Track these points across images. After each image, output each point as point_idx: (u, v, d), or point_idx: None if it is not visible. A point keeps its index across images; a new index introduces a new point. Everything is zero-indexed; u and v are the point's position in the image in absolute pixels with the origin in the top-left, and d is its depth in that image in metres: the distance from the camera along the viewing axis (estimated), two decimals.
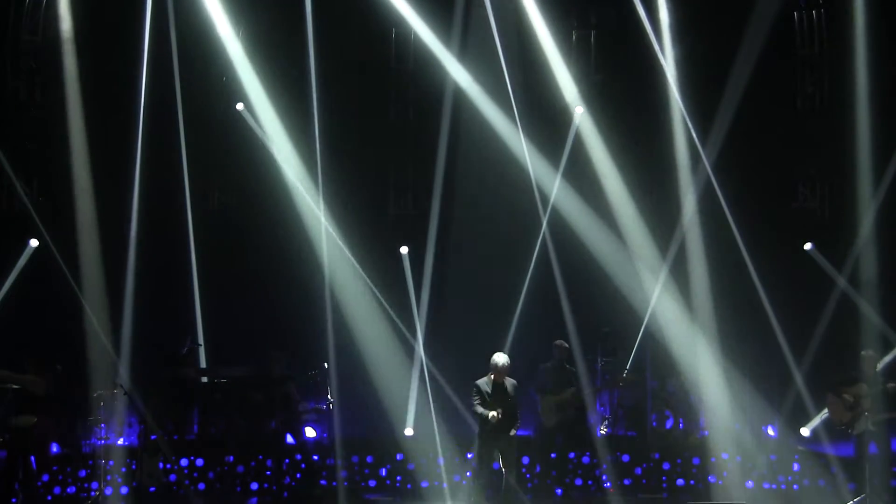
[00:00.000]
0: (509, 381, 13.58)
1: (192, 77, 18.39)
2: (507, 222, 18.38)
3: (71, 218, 17.60)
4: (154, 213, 17.91)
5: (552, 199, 18.46)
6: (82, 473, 15.39)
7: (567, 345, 16.58)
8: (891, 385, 14.75)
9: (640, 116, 18.40)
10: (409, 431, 17.86)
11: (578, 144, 18.71)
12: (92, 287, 17.23)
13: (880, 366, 15.22)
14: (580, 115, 18.57)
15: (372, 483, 16.24)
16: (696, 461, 16.45)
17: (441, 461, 16.37)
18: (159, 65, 17.92)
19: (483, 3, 18.17)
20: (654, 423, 17.20)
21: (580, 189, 18.85)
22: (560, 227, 18.47)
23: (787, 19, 18.30)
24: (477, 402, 13.53)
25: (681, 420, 17.27)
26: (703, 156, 17.88)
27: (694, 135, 17.90)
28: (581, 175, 18.80)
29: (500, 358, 13.62)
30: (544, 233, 18.34)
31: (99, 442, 14.50)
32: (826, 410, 15.59)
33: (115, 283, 17.42)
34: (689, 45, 18.11)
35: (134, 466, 15.44)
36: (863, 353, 15.14)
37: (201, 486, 15.95)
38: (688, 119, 17.89)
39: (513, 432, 13.53)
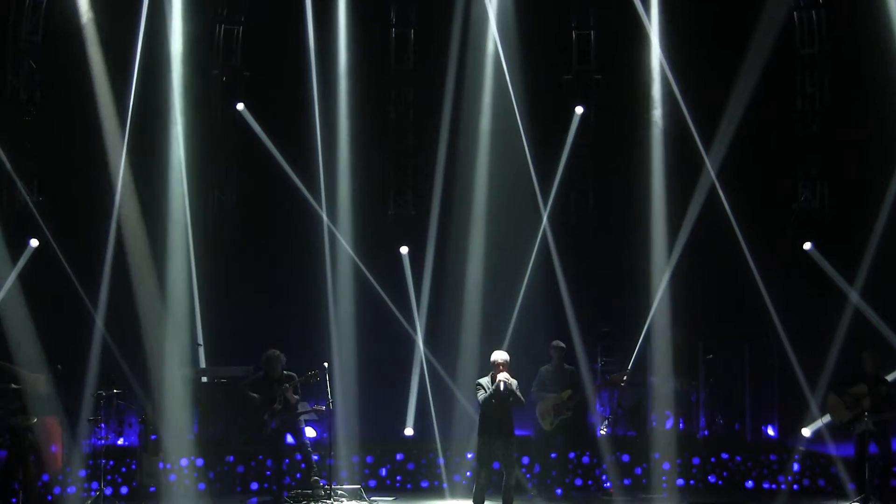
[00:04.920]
0: (511, 382, 13.56)
1: (191, 76, 18.40)
2: (507, 221, 18.34)
3: (71, 217, 17.61)
4: (153, 212, 17.90)
5: (551, 199, 18.49)
6: (82, 473, 15.40)
7: (564, 345, 16.56)
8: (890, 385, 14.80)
9: (642, 116, 18.39)
10: (409, 431, 17.87)
11: (580, 144, 18.77)
12: (92, 286, 17.24)
13: (891, 377, 15.26)
14: (580, 114, 18.64)
15: (372, 483, 16.24)
16: (696, 461, 16.45)
17: (441, 461, 16.38)
18: (156, 62, 17.94)
19: (483, 2, 18.19)
20: (654, 423, 17.19)
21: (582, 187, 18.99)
22: (561, 226, 18.49)
23: (787, 19, 18.28)
24: (481, 393, 13.51)
25: (681, 420, 17.28)
26: (706, 157, 17.86)
27: (695, 135, 17.89)
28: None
29: (498, 355, 13.60)
30: (545, 231, 18.33)
31: (99, 442, 14.48)
32: (828, 412, 15.60)
33: (116, 283, 17.44)
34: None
35: (134, 466, 15.43)
36: (863, 353, 15.15)
37: (201, 486, 15.96)
38: (689, 119, 17.88)
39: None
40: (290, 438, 15.38)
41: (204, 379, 17.35)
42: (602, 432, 17.29)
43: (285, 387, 15.15)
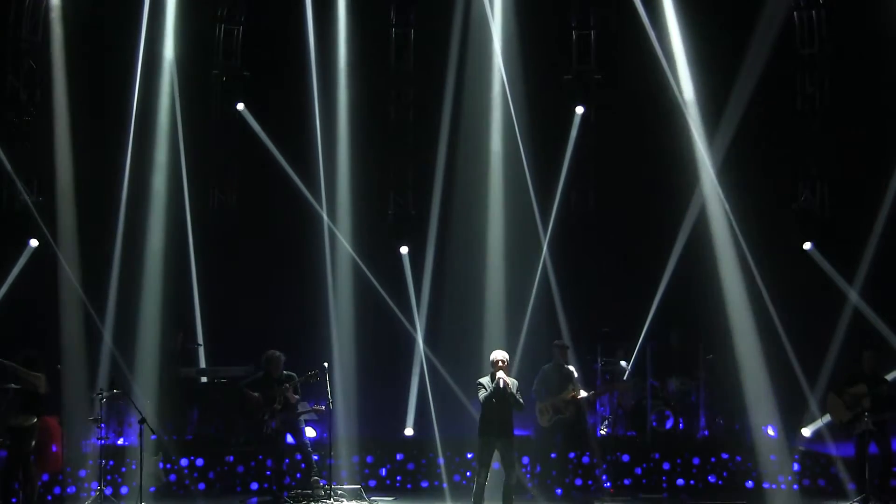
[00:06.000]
0: (511, 381, 13.56)
1: (192, 76, 18.43)
2: (507, 221, 18.34)
3: (70, 218, 17.61)
4: (154, 212, 17.90)
5: (556, 202, 18.52)
6: (82, 473, 15.40)
7: (567, 345, 16.56)
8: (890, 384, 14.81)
9: (642, 117, 18.38)
10: (409, 431, 17.87)
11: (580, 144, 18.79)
12: (92, 287, 17.25)
13: (891, 377, 15.26)
14: (580, 114, 18.69)
15: (372, 483, 16.23)
16: (696, 461, 16.44)
17: (441, 461, 16.37)
18: (156, 62, 17.96)
19: (483, 2, 18.19)
20: (655, 423, 17.19)
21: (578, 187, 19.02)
22: (561, 225, 18.50)
23: (787, 19, 18.30)
24: (482, 392, 13.50)
25: (681, 420, 17.27)
26: (706, 157, 17.86)
27: (696, 136, 17.89)
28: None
29: (498, 354, 13.59)
30: (546, 231, 18.35)
31: (99, 442, 14.48)
32: (828, 412, 15.60)
33: (115, 283, 17.46)
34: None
35: (134, 466, 15.43)
36: (863, 353, 15.14)
37: (201, 486, 15.97)
38: (690, 120, 17.87)
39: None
40: (290, 438, 15.38)
41: (204, 379, 17.36)
42: (602, 432, 17.30)
43: (285, 386, 15.15)
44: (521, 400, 13.54)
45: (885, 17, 17.43)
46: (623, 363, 17.85)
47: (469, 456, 16.07)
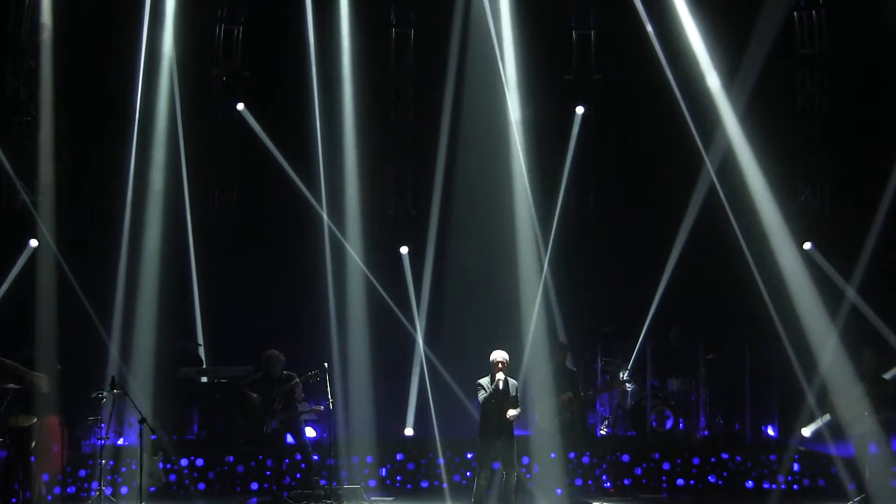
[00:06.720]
0: (511, 382, 13.57)
1: (192, 76, 18.44)
2: (507, 221, 18.35)
3: (69, 217, 17.61)
4: (154, 212, 17.91)
5: (557, 202, 18.53)
6: (82, 473, 15.39)
7: (567, 344, 16.57)
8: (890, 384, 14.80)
9: (642, 116, 18.39)
10: (409, 431, 17.87)
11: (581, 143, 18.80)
12: (91, 287, 17.25)
13: (889, 375, 15.26)
14: (581, 114, 18.70)
15: (372, 483, 16.23)
16: (696, 461, 16.44)
17: (441, 461, 16.37)
18: (157, 62, 17.97)
19: (483, 2, 18.19)
20: (655, 423, 17.19)
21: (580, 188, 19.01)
22: (560, 227, 18.50)
23: (787, 19, 18.30)
24: (482, 393, 13.51)
25: (681, 420, 17.28)
26: (705, 156, 17.87)
27: (695, 135, 17.90)
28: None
29: (498, 354, 13.59)
30: (548, 230, 18.37)
31: (99, 442, 14.47)
32: (828, 412, 15.59)
33: (115, 283, 17.47)
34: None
35: (134, 466, 15.43)
36: (864, 352, 15.14)
37: (201, 486, 15.97)
38: (688, 118, 17.88)
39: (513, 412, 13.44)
40: (290, 438, 15.38)
41: (204, 379, 17.36)
42: (602, 432, 17.30)
43: (296, 382, 15.10)
44: (518, 406, 13.51)
45: (885, 17, 17.42)
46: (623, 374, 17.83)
47: (469, 456, 16.07)
